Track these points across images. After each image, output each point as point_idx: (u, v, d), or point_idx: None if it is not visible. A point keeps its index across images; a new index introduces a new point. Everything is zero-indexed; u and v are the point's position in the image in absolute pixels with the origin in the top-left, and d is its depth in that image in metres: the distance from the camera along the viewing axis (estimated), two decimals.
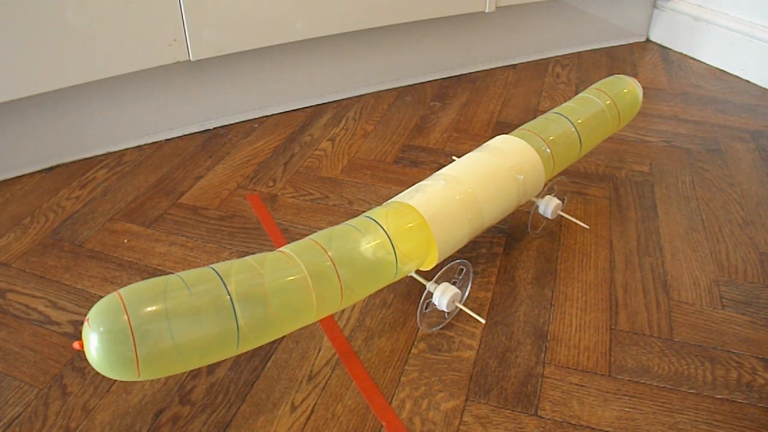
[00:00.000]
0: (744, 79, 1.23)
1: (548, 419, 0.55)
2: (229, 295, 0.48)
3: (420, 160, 0.94)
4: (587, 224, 0.80)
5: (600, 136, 0.80)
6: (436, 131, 1.03)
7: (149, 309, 0.45)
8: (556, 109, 0.79)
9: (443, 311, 0.63)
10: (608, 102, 0.80)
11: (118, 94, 0.94)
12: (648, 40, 1.41)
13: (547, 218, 0.76)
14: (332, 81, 1.12)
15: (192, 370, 0.59)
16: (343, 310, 0.66)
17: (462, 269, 0.67)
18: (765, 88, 1.19)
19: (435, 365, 0.60)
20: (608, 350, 0.62)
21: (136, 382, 0.58)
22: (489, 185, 0.65)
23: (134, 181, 0.89)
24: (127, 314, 0.44)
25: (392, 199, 0.63)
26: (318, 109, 1.10)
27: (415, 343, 0.62)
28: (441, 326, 0.64)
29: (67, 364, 0.60)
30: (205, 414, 0.55)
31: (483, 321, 0.65)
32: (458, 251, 0.74)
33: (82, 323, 0.64)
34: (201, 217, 0.81)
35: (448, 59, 1.22)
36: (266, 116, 1.08)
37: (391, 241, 0.57)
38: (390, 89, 1.17)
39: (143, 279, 0.66)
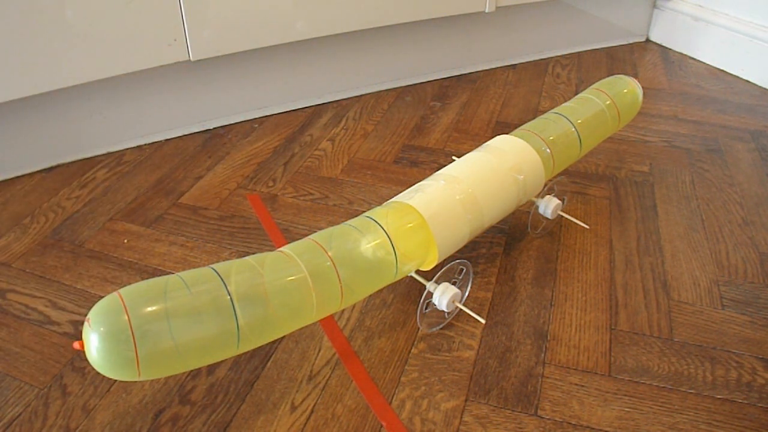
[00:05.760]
0: (744, 79, 1.23)
1: (548, 419, 0.55)
2: (229, 295, 0.48)
3: (420, 160, 0.94)
4: (587, 224, 0.80)
5: (600, 136, 0.80)
6: (436, 131, 1.03)
7: (149, 309, 0.45)
8: (556, 109, 0.79)
9: (443, 311, 0.63)
10: (608, 102, 0.80)
11: (118, 94, 0.94)
12: (648, 40, 1.41)
13: (547, 218, 0.76)
14: (332, 81, 1.12)
15: (192, 370, 0.59)
16: (343, 310, 0.66)
17: (462, 269, 0.67)
18: (765, 88, 1.19)
19: (435, 365, 0.60)
20: (608, 350, 0.62)
21: (136, 382, 0.58)
22: (489, 185, 0.65)
23: (134, 181, 0.89)
24: (127, 314, 0.44)
25: (392, 199, 0.63)
26: (318, 109, 1.10)
27: (415, 343, 0.62)
28: (441, 326, 0.64)
29: (67, 364, 0.60)
30: (205, 414, 0.55)
31: (483, 321, 0.65)
32: (458, 251, 0.74)
33: (82, 323, 0.64)
34: (201, 217, 0.81)
35: (448, 59, 1.22)
36: (266, 116, 1.08)
37: (391, 241, 0.57)
38: (390, 89, 1.17)
39: (143, 279, 0.66)
